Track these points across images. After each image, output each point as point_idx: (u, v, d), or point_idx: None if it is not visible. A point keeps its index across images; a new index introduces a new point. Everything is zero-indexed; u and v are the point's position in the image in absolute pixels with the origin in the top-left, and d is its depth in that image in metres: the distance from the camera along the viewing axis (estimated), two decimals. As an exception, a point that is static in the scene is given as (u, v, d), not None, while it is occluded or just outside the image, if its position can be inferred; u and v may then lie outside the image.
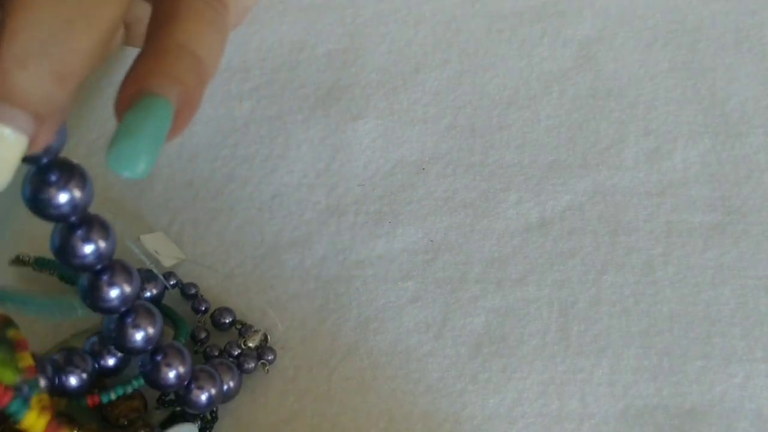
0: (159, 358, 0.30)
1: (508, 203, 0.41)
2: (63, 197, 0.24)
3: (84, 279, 0.27)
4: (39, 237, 0.31)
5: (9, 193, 0.23)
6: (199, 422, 0.32)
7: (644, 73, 0.46)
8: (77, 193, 0.24)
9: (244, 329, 0.35)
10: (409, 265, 0.38)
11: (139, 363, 0.31)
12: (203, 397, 0.31)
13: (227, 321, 0.35)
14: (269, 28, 0.48)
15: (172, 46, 0.24)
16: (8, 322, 0.28)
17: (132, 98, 0.23)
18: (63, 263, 0.26)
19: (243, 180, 0.41)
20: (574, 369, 0.35)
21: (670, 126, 0.44)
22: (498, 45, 0.48)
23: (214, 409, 0.33)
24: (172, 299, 0.36)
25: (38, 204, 0.24)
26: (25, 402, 0.26)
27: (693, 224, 0.40)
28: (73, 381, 0.31)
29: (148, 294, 0.35)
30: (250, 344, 0.34)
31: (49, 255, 0.29)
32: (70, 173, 0.24)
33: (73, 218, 0.25)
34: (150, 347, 0.29)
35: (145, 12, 0.27)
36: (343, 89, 0.45)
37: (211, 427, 0.33)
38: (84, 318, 0.29)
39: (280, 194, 0.41)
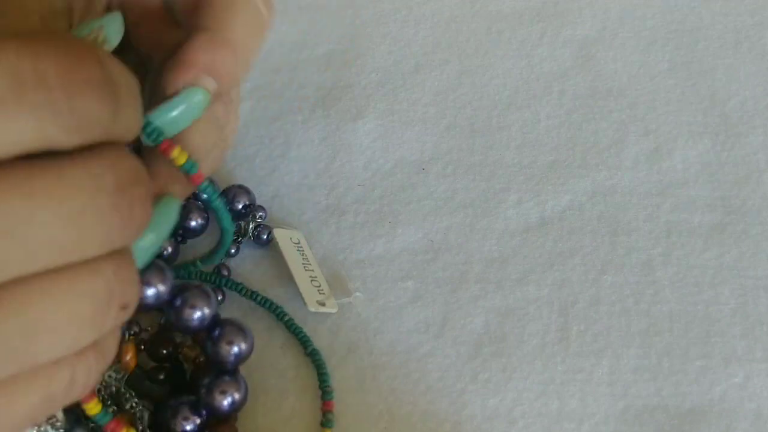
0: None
1: (508, 203, 0.41)
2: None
3: None
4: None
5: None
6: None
7: (644, 73, 0.46)
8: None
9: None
10: (409, 265, 0.38)
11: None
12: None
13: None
14: (269, 28, 0.48)
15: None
16: None
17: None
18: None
19: (243, 180, 0.41)
20: (574, 369, 0.35)
21: (670, 126, 0.44)
22: (498, 45, 0.48)
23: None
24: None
25: None
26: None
27: (693, 224, 0.40)
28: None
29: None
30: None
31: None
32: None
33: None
34: None
35: None
36: (343, 89, 0.45)
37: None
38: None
39: (280, 194, 0.41)
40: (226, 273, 0.37)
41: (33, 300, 0.19)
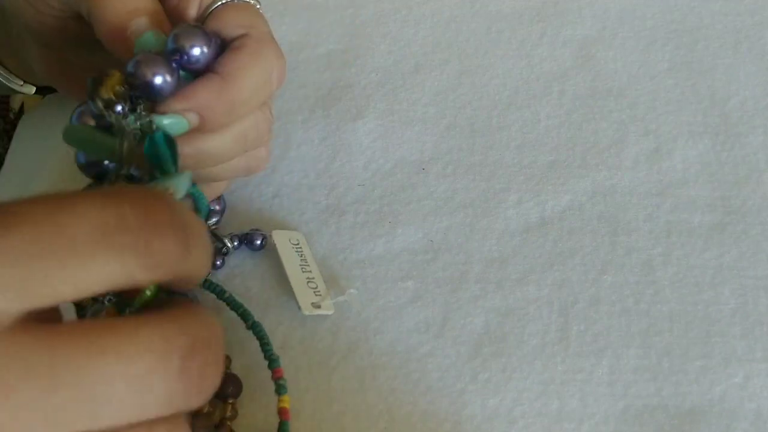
0: None
1: (508, 203, 0.41)
2: None
3: None
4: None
5: None
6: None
7: (644, 73, 0.46)
8: None
9: None
10: (409, 265, 0.38)
11: None
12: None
13: None
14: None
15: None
16: None
17: None
18: None
19: (243, 180, 0.41)
20: (574, 369, 0.35)
21: (670, 126, 0.44)
22: (498, 45, 0.48)
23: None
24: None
25: None
26: None
27: (693, 224, 0.40)
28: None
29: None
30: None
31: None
32: None
33: None
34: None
35: None
36: (343, 89, 0.45)
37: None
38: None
39: (280, 194, 0.41)
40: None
41: None
